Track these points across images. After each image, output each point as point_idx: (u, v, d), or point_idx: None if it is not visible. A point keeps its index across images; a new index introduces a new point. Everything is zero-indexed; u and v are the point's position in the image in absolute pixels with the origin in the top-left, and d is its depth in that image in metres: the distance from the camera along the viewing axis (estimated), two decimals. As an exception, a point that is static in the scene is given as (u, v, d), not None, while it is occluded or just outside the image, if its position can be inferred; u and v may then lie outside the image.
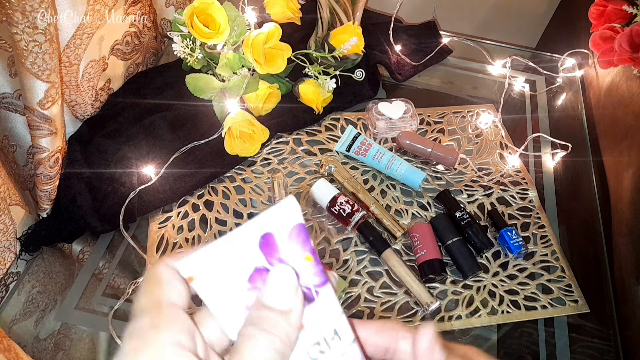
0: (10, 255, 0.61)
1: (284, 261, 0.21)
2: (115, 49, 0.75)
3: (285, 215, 0.21)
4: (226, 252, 0.21)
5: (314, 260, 0.22)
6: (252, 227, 0.21)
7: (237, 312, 0.21)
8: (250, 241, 0.21)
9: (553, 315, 0.61)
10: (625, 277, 0.63)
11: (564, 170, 0.78)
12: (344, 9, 0.78)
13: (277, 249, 0.21)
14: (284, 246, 0.21)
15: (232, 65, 0.73)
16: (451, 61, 0.95)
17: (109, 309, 0.58)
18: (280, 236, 0.21)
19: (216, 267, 0.21)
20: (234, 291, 0.21)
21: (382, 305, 0.60)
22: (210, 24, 0.69)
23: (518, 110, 0.87)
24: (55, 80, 0.55)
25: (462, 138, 0.80)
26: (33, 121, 0.56)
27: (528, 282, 0.63)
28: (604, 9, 0.78)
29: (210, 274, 0.21)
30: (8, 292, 0.60)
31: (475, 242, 0.64)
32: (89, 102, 0.73)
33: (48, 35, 0.51)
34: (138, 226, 0.67)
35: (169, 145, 0.72)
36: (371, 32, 0.91)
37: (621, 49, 0.72)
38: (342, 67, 0.83)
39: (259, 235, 0.21)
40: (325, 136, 0.78)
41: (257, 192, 0.70)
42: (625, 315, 0.62)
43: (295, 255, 0.21)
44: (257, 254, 0.21)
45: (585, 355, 0.59)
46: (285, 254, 0.21)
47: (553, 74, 0.93)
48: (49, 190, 0.63)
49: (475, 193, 0.72)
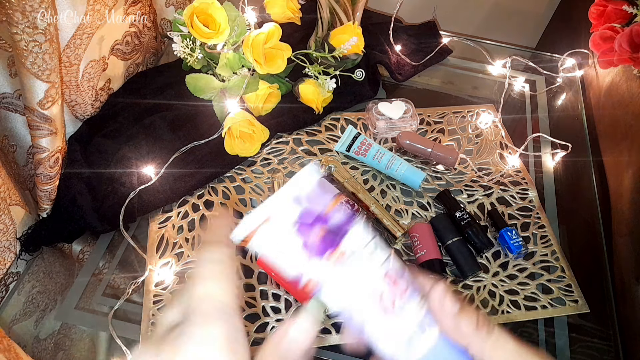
0: (10, 255, 0.61)
1: (314, 210, 0.27)
2: (115, 49, 0.75)
3: (307, 176, 0.27)
4: (267, 215, 0.26)
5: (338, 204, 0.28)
6: (284, 191, 0.27)
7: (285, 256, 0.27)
8: (285, 201, 0.27)
9: (553, 315, 0.61)
10: (625, 277, 0.63)
11: (564, 170, 0.78)
12: (344, 9, 0.78)
13: (306, 201, 0.27)
14: (311, 198, 0.27)
15: (232, 65, 0.73)
16: (451, 61, 0.95)
17: (109, 309, 0.58)
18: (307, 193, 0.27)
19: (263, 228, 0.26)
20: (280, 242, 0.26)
21: (382, 305, 0.60)
22: (210, 24, 0.69)
23: (518, 110, 0.87)
24: (55, 80, 0.55)
25: (462, 138, 0.80)
26: (33, 121, 0.56)
27: (528, 282, 0.63)
28: (604, 9, 0.78)
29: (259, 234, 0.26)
30: (8, 292, 0.60)
31: (475, 242, 0.64)
32: (89, 102, 0.73)
33: (48, 35, 0.51)
34: (138, 226, 0.67)
35: (169, 145, 0.72)
36: (371, 32, 0.91)
37: (621, 49, 0.72)
38: (342, 67, 0.83)
39: (292, 195, 0.27)
40: (325, 136, 0.78)
41: (257, 192, 0.70)
42: (625, 315, 0.62)
43: (322, 203, 0.27)
44: (292, 209, 0.27)
45: (585, 355, 0.59)
46: (314, 204, 0.27)
47: (553, 74, 0.93)
48: (49, 190, 0.63)
49: (475, 193, 0.72)
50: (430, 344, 0.28)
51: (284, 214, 0.27)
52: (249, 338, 0.56)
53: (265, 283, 0.61)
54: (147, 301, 0.59)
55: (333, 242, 0.27)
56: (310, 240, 0.26)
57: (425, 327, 0.28)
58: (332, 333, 0.57)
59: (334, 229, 0.27)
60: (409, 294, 0.28)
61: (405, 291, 0.28)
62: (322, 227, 0.27)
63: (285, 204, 0.27)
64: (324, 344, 0.57)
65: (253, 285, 0.61)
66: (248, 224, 0.26)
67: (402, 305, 0.27)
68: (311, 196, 0.27)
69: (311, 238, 0.26)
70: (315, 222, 0.27)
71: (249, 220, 0.26)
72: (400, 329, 0.28)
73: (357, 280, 0.27)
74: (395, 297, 0.27)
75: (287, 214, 0.27)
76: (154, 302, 0.59)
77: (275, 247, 0.27)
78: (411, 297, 0.28)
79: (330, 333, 0.57)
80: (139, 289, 0.60)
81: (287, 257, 0.27)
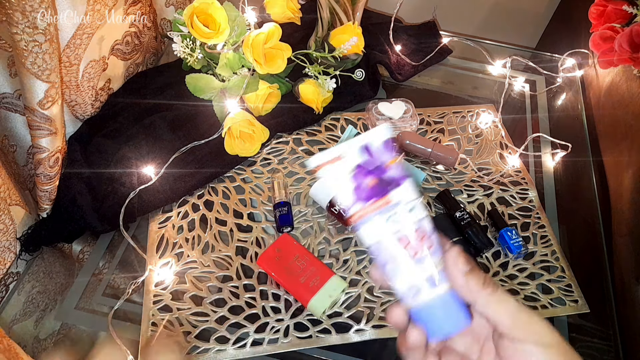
0: (10, 255, 0.61)
1: (374, 162, 0.32)
2: (115, 49, 0.75)
3: (378, 134, 0.33)
4: (338, 154, 0.32)
5: (396, 162, 0.33)
6: (358, 139, 0.32)
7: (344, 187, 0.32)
8: (356, 148, 0.32)
9: (553, 315, 0.61)
10: (625, 277, 0.63)
11: (564, 170, 0.78)
12: (344, 9, 0.78)
13: (372, 153, 0.32)
14: (376, 152, 0.32)
15: (232, 65, 0.73)
16: (451, 61, 0.95)
17: (109, 309, 0.58)
18: (374, 146, 0.33)
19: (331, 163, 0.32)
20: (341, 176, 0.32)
21: (382, 305, 0.60)
22: (210, 24, 0.69)
23: (518, 110, 0.87)
24: (55, 80, 0.55)
25: (462, 138, 0.80)
26: (33, 121, 0.56)
27: (528, 282, 0.63)
28: (604, 9, 0.78)
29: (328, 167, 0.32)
30: (8, 292, 0.60)
31: (475, 242, 0.64)
32: (89, 102, 0.73)
33: (48, 35, 0.51)
34: (138, 226, 0.67)
35: (169, 145, 0.72)
36: (371, 32, 0.91)
37: (621, 49, 0.72)
38: (342, 67, 0.83)
39: (361, 145, 0.32)
40: (325, 136, 0.78)
41: (257, 192, 0.70)
42: (625, 315, 0.62)
43: (384, 158, 0.33)
44: (359, 156, 0.32)
45: (585, 355, 0.59)
46: (377, 157, 0.32)
47: (553, 74, 0.93)
48: (49, 190, 0.63)
49: (475, 193, 0.72)
50: (436, 294, 0.32)
51: (351, 157, 0.32)
52: (248, 338, 0.56)
53: (265, 283, 0.61)
54: (147, 301, 0.59)
55: (381, 192, 0.32)
56: (364, 184, 0.32)
57: (437, 281, 0.32)
58: (332, 333, 0.57)
59: (386, 181, 0.32)
60: (431, 252, 0.32)
61: (429, 248, 0.32)
62: (376, 177, 0.32)
63: (354, 149, 0.32)
64: (324, 344, 0.57)
65: (253, 285, 0.61)
66: (322, 156, 0.32)
67: (422, 258, 0.32)
68: (376, 150, 0.32)
69: (365, 183, 0.32)
70: (372, 171, 0.32)
71: (324, 154, 0.32)
72: (415, 276, 0.32)
73: (392, 226, 0.32)
74: (419, 250, 0.32)
75: (353, 158, 0.32)
76: (154, 302, 0.59)
77: (335, 181, 0.33)
78: (432, 254, 0.32)
79: (330, 333, 0.57)
80: (139, 289, 0.60)
81: (342, 192, 0.33)
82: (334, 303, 0.59)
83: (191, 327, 0.57)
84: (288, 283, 0.58)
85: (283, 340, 0.56)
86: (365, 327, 0.58)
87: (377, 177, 0.32)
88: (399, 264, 0.32)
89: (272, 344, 0.56)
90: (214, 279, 0.61)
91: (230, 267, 0.62)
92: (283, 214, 0.65)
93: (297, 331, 0.57)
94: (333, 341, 0.57)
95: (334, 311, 0.59)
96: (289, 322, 0.58)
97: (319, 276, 0.59)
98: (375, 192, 0.32)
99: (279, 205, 0.66)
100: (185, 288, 0.60)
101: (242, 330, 0.57)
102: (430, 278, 0.32)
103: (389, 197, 0.32)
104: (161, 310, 0.58)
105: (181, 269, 0.62)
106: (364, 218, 0.32)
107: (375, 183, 0.32)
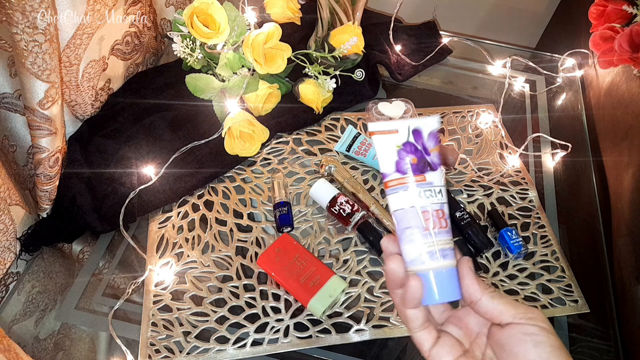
0: (10, 255, 0.61)
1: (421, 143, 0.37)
2: (115, 49, 0.75)
3: (430, 123, 0.37)
4: (398, 127, 0.37)
5: (437, 151, 0.37)
6: (413, 121, 0.37)
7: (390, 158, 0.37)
8: (409, 128, 0.37)
9: (553, 315, 0.61)
10: (625, 277, 0.63)
11: (564, 170, 0.78)
12: (344, 9, 0.78)
13: (421, 136, 0.37)
14: (424, 135, 0.37)
15: (232, 65, 0.73)
16: (451, 61, 0.95)
17: (109, 309, 0.58)
18: (425, 131, 0.37)
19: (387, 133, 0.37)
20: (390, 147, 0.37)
21: (382, 305, 0.60)
22: (210, 24, 0.70)
23: (518, 110, 0.87)
24: (55, 80, 0.55)
25: (462, 138, 0.80)
26: (33, 121, 0.56)
27: (528, 282, 0.63)
28: (604, 9, 0.78)
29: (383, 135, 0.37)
30: (8, 292, 0.60)
31: (475, 242, 0.64)
32: (89, 102, 0.73)
33: (48, 35, 0.51)
34: (138, 226, 0.67)
35: (169, 145, 0.72)
36: (371, 32, 0.91)
37: (621, 49, 0.72)
38: (342, 67, 0.83)
39: (414, 127, 0.37)
40: (325, 136, 0.78)
41: (257, 192, 0.70)
42: (625, 315, 0.62)
43: (428, 144, 0.37)
44: (410, 136, 0.37)
45: (585, 355, 0.59)
46: (425, 141, 0.37)
47: (553, 74, 0.93)
48: (49, 190, 0.63)
49: (475, 193, 0.72)
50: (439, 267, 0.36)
51: (403, 133, 0.37)
52: (248, 338, 0.56)
53: (265, 283, 0.61)
54: (147, 301, 0.59)
55: (420, 170, 0.37)
56: (407, 158, 0.37)
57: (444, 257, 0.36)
58: (332, 333, 0.57)
59: (426, 162, 0.37)
60: (445, 231, 0.36)
61: (444, 227, 0.36)
62: (419, 157, 0.37)
63: (408, 128, 0.37)
64: (324, 344, 0.57)
65: (253, 285, 0.61)
66: (382, 125, 0.37)
67: (436, 234, 0.36)
68: (424, 134, 0.37)
69: (409, 157, 0.37)
70: (417, 151, 0.37)
71: (385, 124, 0.37)
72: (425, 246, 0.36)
73: (418, 199, 0.36)
74: (436, 226, 0.36)
75: (404, 134, 0.37)
76: (154, 302, 0.59)
77: (384, 149, 0.37)
78: (446, 234, 0.37)
79: (330, 333, 0.57)
80: (139, 289, 0.60)
81: (386, 159, 0.37)
82: (334, 303, 0.59)
83: (191, 327, 0.57)
84: (288, 283, 0.58)
85: (283, 340, 0.56)
86: (365, 327, 0.58)
87: (419, 157, 0.37)
88: (416, 232, 0.36)
89: (272, 344, 0.56)
90: (214, 279, 0.61)
91: (230, 267, 0.62)
92: (283, 214, 0.66)
93: (297, 331, 0.57)
94: (333, 341, 0.57)
95: (334, 311, 0.59)
96: (289, 322, 0.58)
97: (319, 276, 0.59)
98: (414, 169, 0.37)
99: (279, 205, 0.66)
100: (185, 288, 0.60)
101: (242, 330, 0.57)
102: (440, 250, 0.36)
103: (424, 176, 0.37)
104: (161, 310, 0.58)
105: (181, 269, 0.62)
106: (399, 187, 0.37)
107: (416, 161, 0.37)
